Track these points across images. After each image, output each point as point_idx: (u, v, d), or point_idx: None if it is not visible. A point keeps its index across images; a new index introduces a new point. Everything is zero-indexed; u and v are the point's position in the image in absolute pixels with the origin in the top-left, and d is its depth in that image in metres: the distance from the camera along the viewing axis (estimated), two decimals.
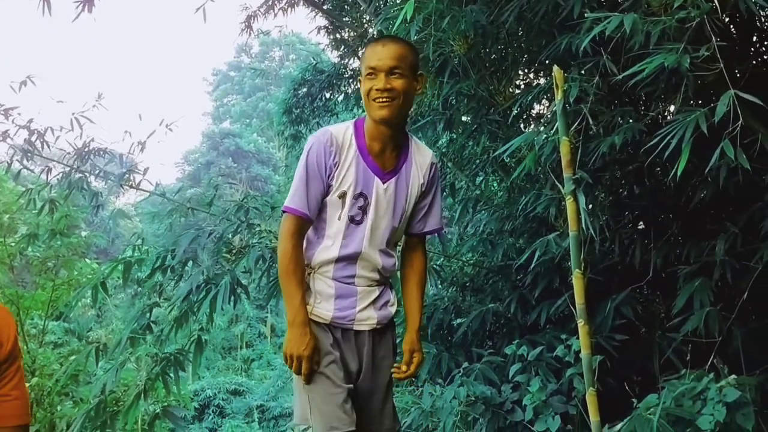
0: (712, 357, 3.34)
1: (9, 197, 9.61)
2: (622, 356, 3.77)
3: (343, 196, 2.23)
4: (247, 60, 37.72)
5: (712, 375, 3.10)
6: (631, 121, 3.35)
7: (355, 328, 2.29)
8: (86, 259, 11.34)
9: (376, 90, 2.18)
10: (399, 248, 2.52)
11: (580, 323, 2.87)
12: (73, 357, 5.37)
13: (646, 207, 4.05)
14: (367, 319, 2.30)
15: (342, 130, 2.26)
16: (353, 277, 2.27)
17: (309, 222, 2.24)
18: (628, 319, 3.77)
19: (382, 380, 2.34)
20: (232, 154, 30.99)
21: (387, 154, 2.28)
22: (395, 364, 2.39)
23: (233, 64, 38.04)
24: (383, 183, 2.27)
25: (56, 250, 9.48)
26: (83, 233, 10.91)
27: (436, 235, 4.64)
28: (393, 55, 2.19)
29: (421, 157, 2.37)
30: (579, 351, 3.13)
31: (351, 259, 2.26)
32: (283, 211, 2.26)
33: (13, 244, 9.09)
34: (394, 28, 3.48)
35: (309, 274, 2.27)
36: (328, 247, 2.25)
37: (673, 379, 3.24)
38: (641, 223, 4.27)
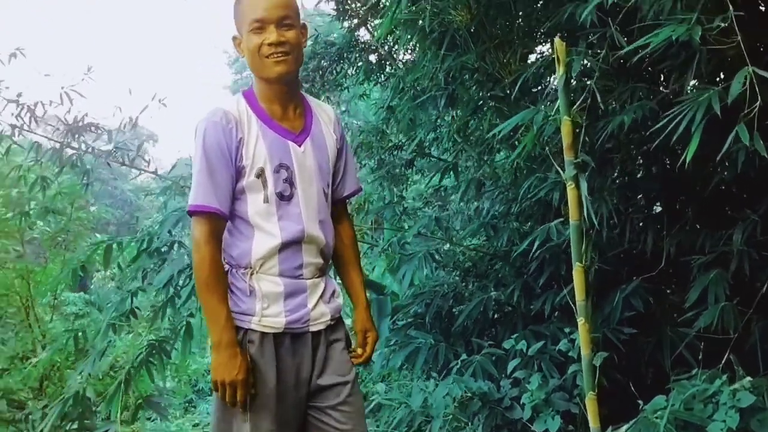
0: (726, 354, 3.09)
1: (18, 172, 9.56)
2: (632, 350, 3.54)
3: (261, 174, 1.95)
4: None
5: (725, 377, 2.86)
6: (642, 98, 3.07)
7: (311, 329, 2.03)
8: (96, 234, 11.30)
9: (268, 45, 1.93)
10: None
11: (581, 321, 2.64)
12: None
13: (659, 190, 3.77)
14: (321, 316, 2.05)
15: (234, 104, 2.00)
16: (301, 267, 2.01)
17: (224, 219, 1.96)
18: (638, 311, 3.52)
19: (345, 373, 2.09)
20: None
21: (291, 115, 2.03)
22: (350, 351, 2.15)
23: None
24: (299, 146, 2.02)
25: (66, 225, 9.42)
26: (92, 208, 10.85)
27: (434, 220, 4.47)
28: (280, 4, 1.94)
29: (325, 112, 2.14)
30: None
31: (295, 242, 1.99)
32: (190, 214, 1.97)
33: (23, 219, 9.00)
34: None
35: (250, 275, 1.98)
36: (264, 235, 1.98)
37: (683, 379, 3.00)
38: (656, 206, 4.01)
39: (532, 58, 4.30)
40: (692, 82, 2.86)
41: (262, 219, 1.98)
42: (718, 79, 2.92)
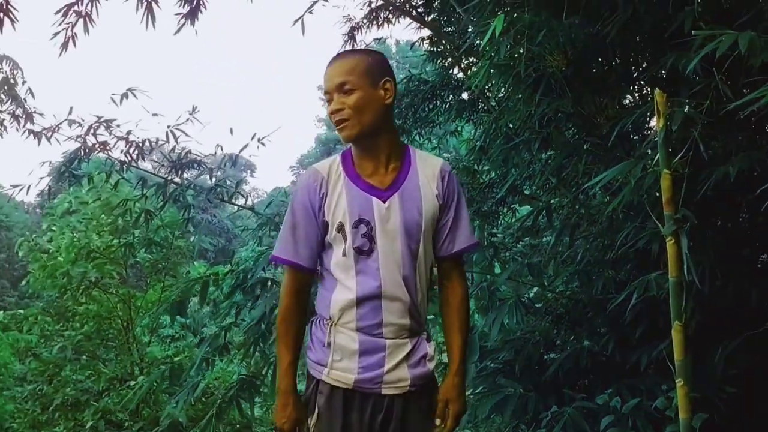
0: None
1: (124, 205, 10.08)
2: (734, 410, 3.35)
3: (341, 228, 2.00)
4: None
5: None
6: (748, 148, 2.94)
7: (384, 391, 1.99)
8: (195, 262, 11.75)
9: (331, 114, 2.02)
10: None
11: (679, 383, 2.52)
12: (161, 369, 5.42)
13: (766, 241, 3.58)
14: (397, 381, 2.01)
15: (328, 162, 2.10)
16: (380, 325, 2.00)
17: (307, 272, 2.06)
18: (741, 370, 3.34)
19: None
20: None
21: (383, 172, 2.06)
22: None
23: None
24: (384, 201, 2.02)
25: (166, 253, 9.86)
26: (192, 238, 11.29)
27: (526, 266, 4.38)
28: (338, 72, 2.01)
29: (428, 167, 2.11)
30: None
31: (373, 298, 1.99)
32: (274, 263, 2.18)
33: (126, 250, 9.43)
34: (483, 43, 3.22)
35: (330, 327, 2.02)
36: (342, 288, 2.02)
37: None
38: (763, 256, 3.80)
39: (629, 99, 4.20)
40: None
41: (341, 272, 2.03)
42: None
